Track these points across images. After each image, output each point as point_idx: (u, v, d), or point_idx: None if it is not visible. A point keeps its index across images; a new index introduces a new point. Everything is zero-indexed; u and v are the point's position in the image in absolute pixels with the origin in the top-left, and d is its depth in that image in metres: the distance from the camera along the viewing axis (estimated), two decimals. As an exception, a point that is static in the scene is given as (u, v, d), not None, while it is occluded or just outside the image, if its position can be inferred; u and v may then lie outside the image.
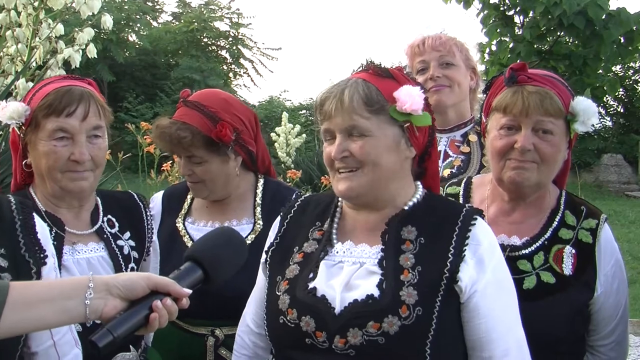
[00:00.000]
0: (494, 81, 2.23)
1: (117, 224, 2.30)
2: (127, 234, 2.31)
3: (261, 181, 2.64)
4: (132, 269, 2.26)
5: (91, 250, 2.22)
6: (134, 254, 2.29)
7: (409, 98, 1.83)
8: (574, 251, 2.14)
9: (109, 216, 2.30)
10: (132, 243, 2.31)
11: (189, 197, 2.64)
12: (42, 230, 1.93)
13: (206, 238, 1.76)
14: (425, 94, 2.95)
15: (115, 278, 1.56)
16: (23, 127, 2.15)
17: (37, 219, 1.93)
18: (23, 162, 2.19)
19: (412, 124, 1.86)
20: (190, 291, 1.60)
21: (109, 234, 2.26)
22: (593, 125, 2.15)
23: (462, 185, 2.37)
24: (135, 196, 2.41)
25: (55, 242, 2.10)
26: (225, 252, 1.72)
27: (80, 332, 2.01)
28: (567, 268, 2.12)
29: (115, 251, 2.24)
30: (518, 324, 1.87)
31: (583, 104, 2.12)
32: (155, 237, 2.42)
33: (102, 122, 2.18)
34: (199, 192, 2.55)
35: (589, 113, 2.12)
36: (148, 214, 2.40)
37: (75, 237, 2.21)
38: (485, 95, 2.27)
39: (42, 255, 1.87)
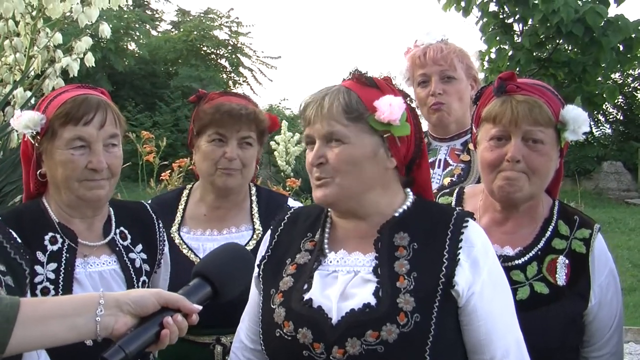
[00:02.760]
0: (483, 91, 2.22)
1: (129, 236, 2.27)
2: (139, 247, 2.28)
3: (253, 188, 2.69)
4: (144, 282, 2.24)
5: (103, 263, 2.19)
6: (146, 266, 2.27)
7: (388, 108, 1.81)
8: (567, 261, 2.11)
9: (122, 228, 2.27)
10: (144, 256, 2.28)
11: (180, 207, 2.64)
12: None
13: (214, 254, 1.75)
14: (427, 109, 2.97)
15: (126, 295, 1.56)
16: (38, 137, 2.12)
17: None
18: (37, 172, 2.17)
19: (392, 134, 1.85)
20: (200, 307, 1.61)
21: (121, 247, 2.24)
22: (586, 134, 2.13)
23: (455, 195, 2.35)
24: (148, 207, 2.39)
25: (67, 255, 2.12)
26: (233, 267, 1.72)
27: (91, 347, 1.98)
28: (561, 278, 2.10)
29: (127, 264, 2.22)
30: (515, 323, 1.86)
31: (573, 112, 2.10)
32: (166, 249, 2.39)
33: (118, 130, 2.17)
34: (232, 180, 2.55)
35: (579, 121, 2.09)
36: (160, 225, 2.37)
37: (87, 249, 2.18)
38: (475, 106, 2.25)
39: (27, 257, 1.87)
